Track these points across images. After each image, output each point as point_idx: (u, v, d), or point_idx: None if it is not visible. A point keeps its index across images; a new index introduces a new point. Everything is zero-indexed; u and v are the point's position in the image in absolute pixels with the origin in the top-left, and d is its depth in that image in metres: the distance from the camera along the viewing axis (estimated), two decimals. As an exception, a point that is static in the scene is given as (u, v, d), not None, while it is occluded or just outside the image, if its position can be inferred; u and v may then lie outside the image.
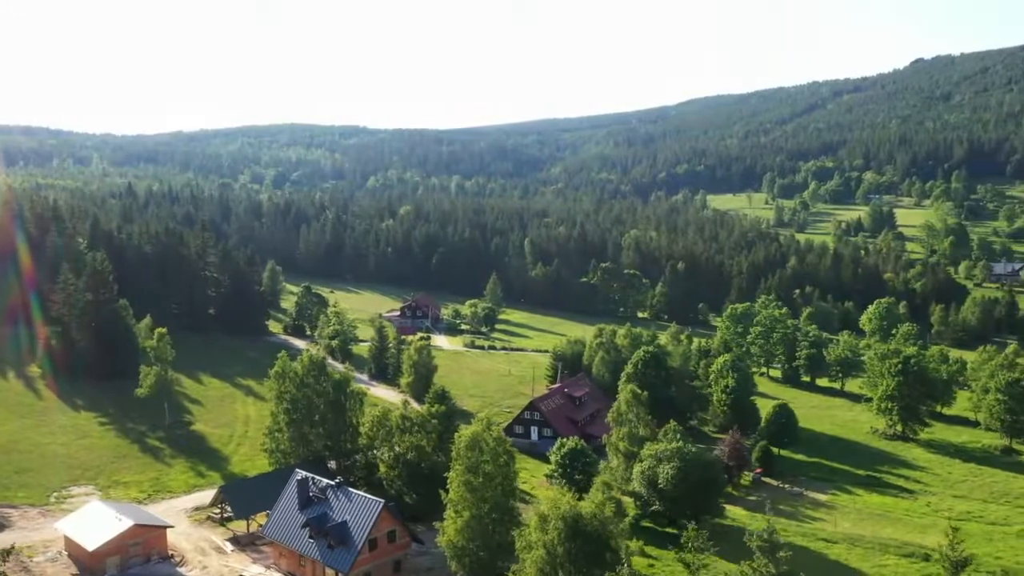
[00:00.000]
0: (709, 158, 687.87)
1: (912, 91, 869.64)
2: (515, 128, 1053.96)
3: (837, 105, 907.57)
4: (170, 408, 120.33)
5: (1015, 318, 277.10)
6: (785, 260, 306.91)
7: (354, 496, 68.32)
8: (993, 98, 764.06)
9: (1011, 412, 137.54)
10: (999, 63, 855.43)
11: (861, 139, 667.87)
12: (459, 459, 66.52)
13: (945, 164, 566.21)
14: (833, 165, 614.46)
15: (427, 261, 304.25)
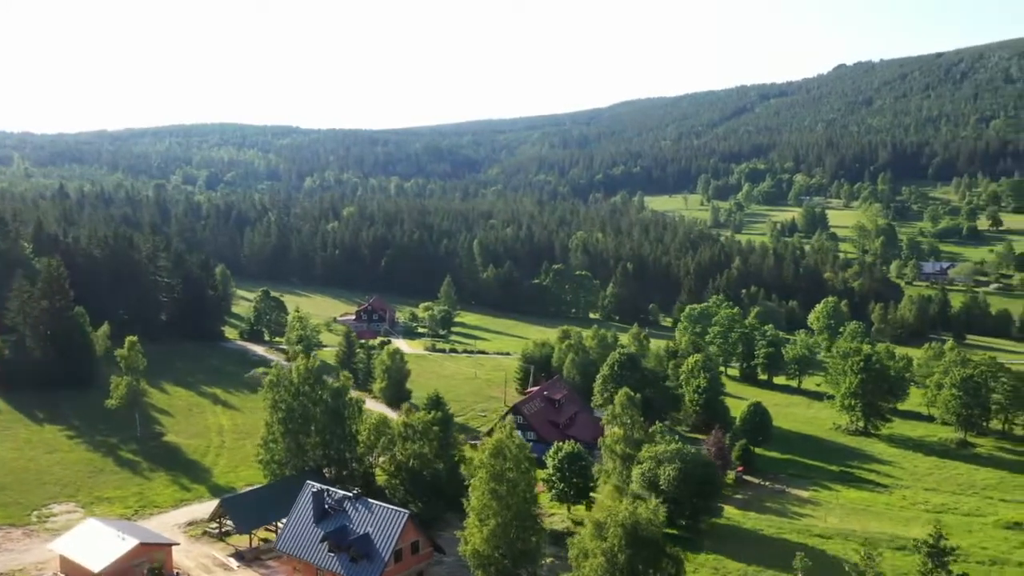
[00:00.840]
0: (645, 160, 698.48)
1: (836, 96, 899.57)
2: (450, 129, 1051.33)
3: (765, 108, 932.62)
4: (141, 419, 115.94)
5: (948, 315, 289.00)
6: (730, 261, 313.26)
7: (375, 507, 66.86)
8: (912, 103, 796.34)
9: (966, 407, 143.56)
10: (916, 70, 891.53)
11: (790, 142, 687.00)
12: (483, 467, 65.78)
13: (871, 167, 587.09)
14: (765, 167, 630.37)
15: (376, 263, 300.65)
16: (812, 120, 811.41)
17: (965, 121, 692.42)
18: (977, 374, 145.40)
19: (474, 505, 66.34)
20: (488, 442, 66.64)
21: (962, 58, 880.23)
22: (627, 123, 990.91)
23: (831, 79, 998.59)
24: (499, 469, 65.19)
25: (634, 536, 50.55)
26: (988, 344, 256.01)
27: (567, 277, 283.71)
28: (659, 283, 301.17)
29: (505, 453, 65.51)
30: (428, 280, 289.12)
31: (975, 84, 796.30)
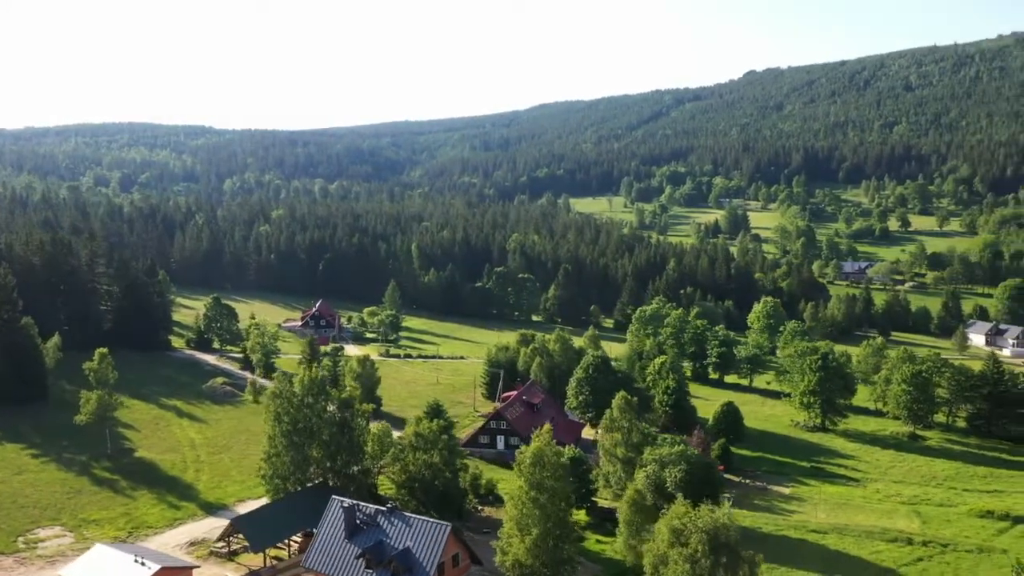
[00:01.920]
0: (568, 163, 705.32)
1: (748, 101, 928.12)
2: (369, 130, 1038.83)
3: (680, 113, 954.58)
4: (110, 435, 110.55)
5: (871, 313, 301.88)
6: (665, 262, 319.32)
7: (413, 520, 65.55)
8: (820, 109, 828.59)
9: (915, 401, 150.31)
10: (823, 77, 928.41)
11: (708, 146, 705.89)
12: (522, 476, 65.35)
13: (785, 170, 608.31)
14: (685, 170, 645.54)
15: (313, 268, 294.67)
16: (727, 124, 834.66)
17: (870, 126, 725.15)
18: (924, 370, 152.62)
19: (513, 515, 65.87)
20: (527, 451, 66.24)
21: (864, 66, 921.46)
22: (547, 126, 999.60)
23: (742, 84, 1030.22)
24: (539, 478, 64.94)
25: (715, 541, 51.14)
26: (910, 340, 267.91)
27: (509, 280, 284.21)
28: (597, 285, 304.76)
29: (544, 461, 65.29)
30: (368, 285, 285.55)
31: (878, 91, 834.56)
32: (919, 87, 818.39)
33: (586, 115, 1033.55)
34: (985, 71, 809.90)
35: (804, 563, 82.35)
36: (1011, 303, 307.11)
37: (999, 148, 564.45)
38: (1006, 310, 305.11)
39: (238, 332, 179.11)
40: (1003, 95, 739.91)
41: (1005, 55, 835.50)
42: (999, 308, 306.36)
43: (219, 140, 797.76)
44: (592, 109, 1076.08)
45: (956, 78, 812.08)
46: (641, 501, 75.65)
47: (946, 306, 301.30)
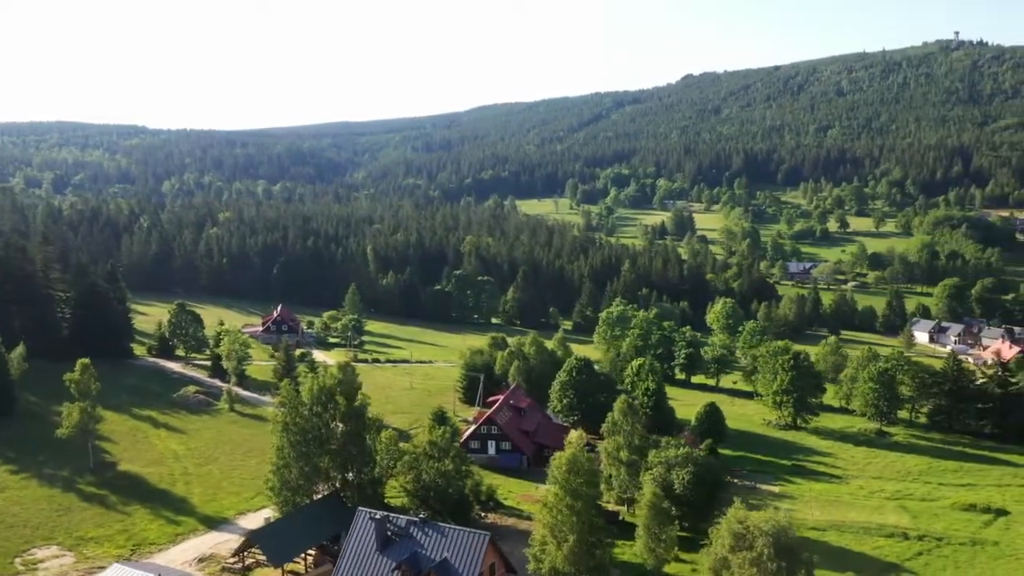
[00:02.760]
0: (512, 164, 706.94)
1: (686, 104, 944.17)
2: (309, 131, 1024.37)
3: (620, 115, 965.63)
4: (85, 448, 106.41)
5: (820, 312, 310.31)
6: (620, 264, 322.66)
7: (448, 531, 64.69)
8: (757, 112, 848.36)
9: (882, 399, 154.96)
10: (758, 81, 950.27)
11: (650, 148, 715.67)
12: (557, 483, 65.16)
13: (726, 172, 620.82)
14: (629, 172, 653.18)
15: (267, 272, 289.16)
16: (667, 127, 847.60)
17: (805, 130, 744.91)
18: (890, 368, 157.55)
19: (547, 521, 65.61)
20: (562, 458, 66.07)
21: (798, 71, 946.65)
22: (488, 127, 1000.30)
23: (680, 88, 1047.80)
24: (575, 484, 64.85)
25: (779, 544, 51.76)
26: (859, 339, 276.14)
27: (468, 283, 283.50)
28: (554, 287, 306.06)
29: (579, 468, 65.26)
30: (323, 289, 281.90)
31: (811, 96, 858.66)
32: (850, 92, 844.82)
33: (527, 117, 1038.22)
34: (912, 77, 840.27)
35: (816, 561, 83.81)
36: (950, 302, 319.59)
37: (928, 152, 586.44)
38: (946, 308, 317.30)
39: (204, 339, 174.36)
40: (929, 100, 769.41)
41: (930, 62, 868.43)
42: (940, 307, 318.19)
43: (154, 140, 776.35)
44: (532, 111, 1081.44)
45: (885, 84, 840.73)
46: (659, 504, 76.11)
47: (890, 305, 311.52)
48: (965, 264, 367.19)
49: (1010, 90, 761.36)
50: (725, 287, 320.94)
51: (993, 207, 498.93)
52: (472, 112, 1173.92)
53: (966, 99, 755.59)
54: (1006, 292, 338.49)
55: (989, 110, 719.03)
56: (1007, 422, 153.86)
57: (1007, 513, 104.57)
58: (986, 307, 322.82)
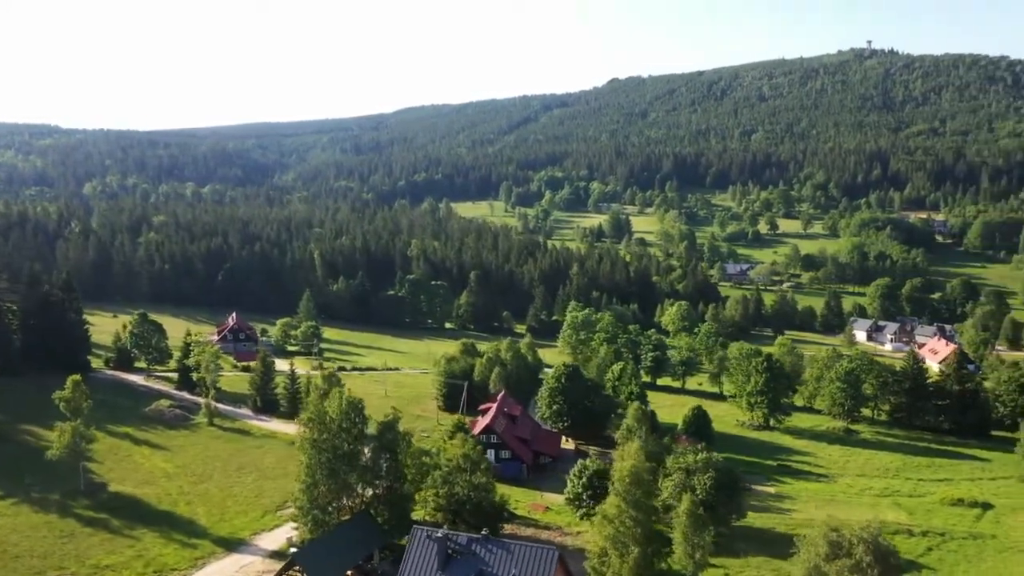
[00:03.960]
0: (445, 167, 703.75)
1: (613, 108, 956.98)
2: (233, 131, 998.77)
3: (549, 118, 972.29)
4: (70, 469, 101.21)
5: (762, 313, 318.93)
6: (568, 267, 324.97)
7: (514, 547, 63.77)
8: (683, 116, 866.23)
9: (849, 397, 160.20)
10: (683, 86, 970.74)
11: (581, 151, 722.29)
12: (619, 495, 65.09)
13: (657, 175, 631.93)
14: (562, 175, 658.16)
15: (211, 278, 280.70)
16: (596, 130, 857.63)
17: (730, 134, 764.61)
18: (855, 368, 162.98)
19: (608, 534, 65.46)
20: (623, 468, 66.02)
21: (721, 77, 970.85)
22: (417, 129, 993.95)
23: (607, 92, 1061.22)
24: (637, 496, 64.92)
25: (877, 551, 52.79)
26: (802, 338, 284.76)
27: (421, 287, 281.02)
28: (504, 291, 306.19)
29: (641, 480, 65.38)
30: (272, 295, 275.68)
31: (734, 101, 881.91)
32: (772, 97, 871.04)
33: (455, 119, 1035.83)
34: (829, 84, 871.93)
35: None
36: (883, 301, 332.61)
37: (849, 156, 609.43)
38: (879, 307, 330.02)
39: (167, 349, 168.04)
40: (846, 107, 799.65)
41: (846, 69, 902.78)
42: (874, 306, 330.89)
43: (69, 140, 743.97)
44: (461, 113, 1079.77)
45: (804, 90, 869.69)
46: (696, 511, 76.73)
47: (828, 305, 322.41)
48: (893, 265, 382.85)
49: (920, 97, 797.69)
50: (671, 289, 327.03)
51: (911, 209, 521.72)
52: (399, 114, 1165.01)
53: (880, 105, 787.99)
54: (932, 291, 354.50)
55: (902, 116, 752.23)
56: (965, 418, 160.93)
57: (992, 507, 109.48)
58: (915, 306, 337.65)
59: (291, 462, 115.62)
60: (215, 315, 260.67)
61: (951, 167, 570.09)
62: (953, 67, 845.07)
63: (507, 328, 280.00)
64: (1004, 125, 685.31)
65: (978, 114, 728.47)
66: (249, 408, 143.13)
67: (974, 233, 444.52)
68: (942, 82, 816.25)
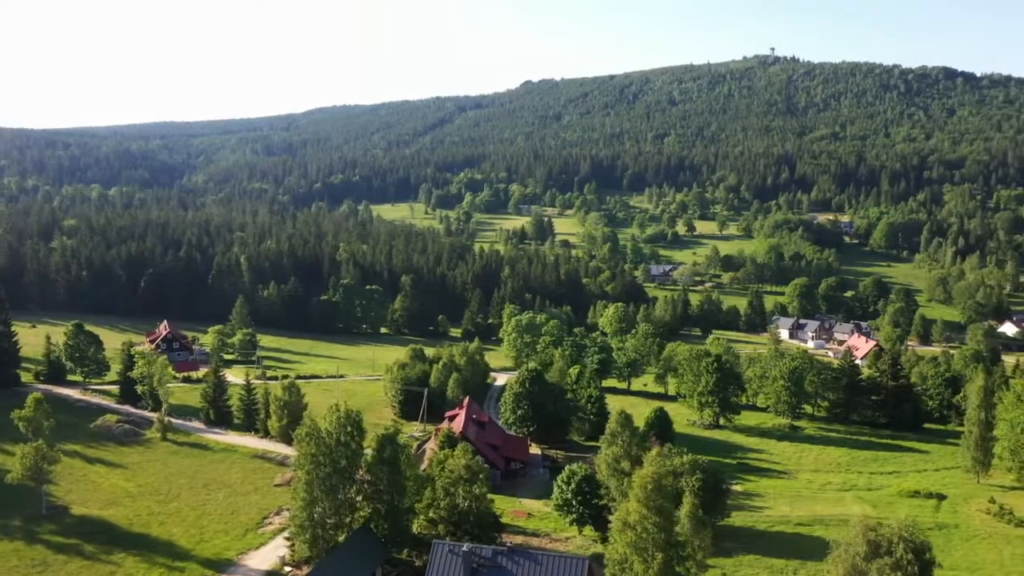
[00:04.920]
0: (362, 169, 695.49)
1: (528, 110, 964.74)
2: (135, 131, 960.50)
3: (464, 120, 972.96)
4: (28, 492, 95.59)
5: (689, 313, 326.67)
6: (500, 270, 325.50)
7: (542, 557, 63.42)
8: (596, 120, 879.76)
9: (794, 395, 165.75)
10: (595, 89, 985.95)
11: (500, 153, 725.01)
12: (640, 501, 65.51)
13: (576, 177, 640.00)
14: (482, 177, 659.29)
15: (133, 285, 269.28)
16: (512, 133, 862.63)
17: (644, 137, 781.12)
18: (798, 366, 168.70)
19: (630, 540, 65.79)
20: (645, 475, 66.44)
21: (632, 81, 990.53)
22: (330, 130, 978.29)
23: (521, 94, 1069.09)
24: (659, 503, 65.52)
25: (915, 548, 54.59)
26: (727, 336, 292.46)
27: (356, 292, 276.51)
28: (436, 295, 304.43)
29: (662, 485, 66.04)
30: (200, 301, 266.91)
31: (646, 104, 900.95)
32: (682, 102, 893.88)
33: (370, 120, 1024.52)
34: (736, 89, 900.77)
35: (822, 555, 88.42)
36: (801, 300, 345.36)
37: (759, 159, 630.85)
38: (799, 306, 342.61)
39: (104, 362, 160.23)
40: (753, 111, 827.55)
41: (751, 75, 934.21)
42: (794, 305, 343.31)
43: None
44: (374, 114, 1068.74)
45: (712, 95, 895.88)
46: (697, 513, 78.05)
47: (751, 305, 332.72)
48: (808, 265, 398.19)
49: (821, 103, 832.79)
50: (600, 291, 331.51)
51: (819, 211, 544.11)
52: (310, 114, 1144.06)
53: (785, 111, 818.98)
54: (846, 290, 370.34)
55: (805, 121, 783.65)
56: (898, 412, 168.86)
57: (945, 497, 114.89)
58: (831, 304, 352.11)
59: (259, 476, 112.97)
60: (139, 324, 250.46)
61: (853, 171, 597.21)
62: (851, 74, 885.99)
63: (443, 332, 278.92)
64: (899, 130, 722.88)
65: (875, 120, 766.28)
66: (201, 421, 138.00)
67: (879, 234, 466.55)
68: (841, 88, 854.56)
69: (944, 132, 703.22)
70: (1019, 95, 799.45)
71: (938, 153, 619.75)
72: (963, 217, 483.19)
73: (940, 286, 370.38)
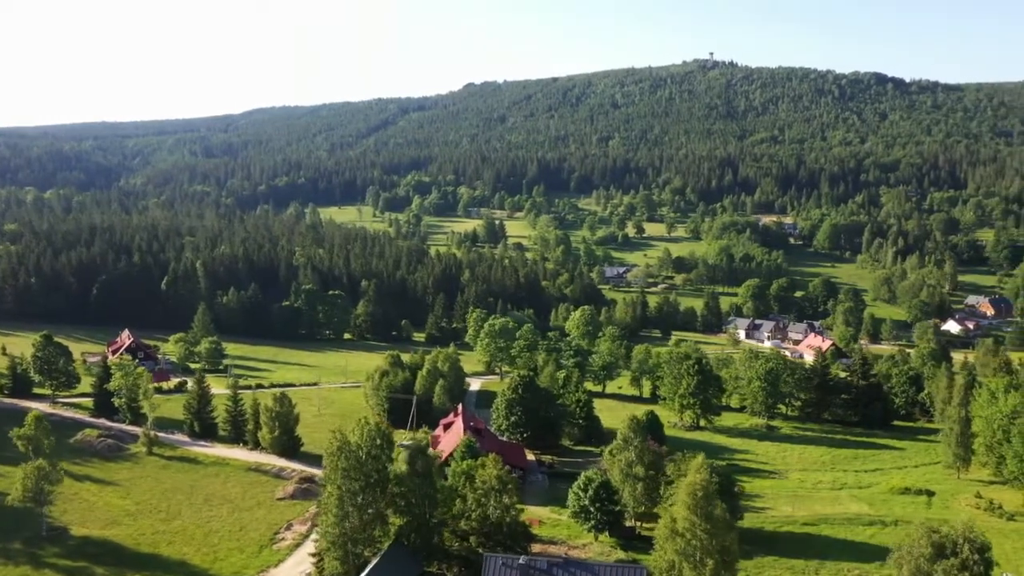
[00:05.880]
0: (307, 171, 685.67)
1: (472, 112, 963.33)
2: (66, 131, 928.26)
3: (408, 122, 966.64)
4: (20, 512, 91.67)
5: (647, 314, 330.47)
6: (460, 273, 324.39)
7: (599, 568, 63.35)
8: (540, 122, 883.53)
9: (770, 396, 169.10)
10: (539, 92, 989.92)
11: (447, 156, 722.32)
12: (690, 509, 66.05)
13: (524, 180, 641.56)
14: (429, 180, 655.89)
15: (85, 292, 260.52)
16: (457, 135, 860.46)
17: (589, 140, 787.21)
18: (774, 367, 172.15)
19: (680, 548, 66.27)
20: (695, 482, 66.95)
21: (575, 84, 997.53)
22: (270, 131, 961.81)
23: (464, 96, 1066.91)
24: (708, 509, 66.15)
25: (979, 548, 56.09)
26: (686, 337, 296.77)
27: (318, 298, 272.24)
28: (397, 299, 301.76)
29: (711, 494, 66.73)
30: (155, 309, 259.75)
31: (590, 107, 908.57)
32: (624, 105, 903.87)
33: (311, 121, 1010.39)
34: (677, 93, 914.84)
35: (837, 555, 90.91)
36: (755, 301, 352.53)
37: (703, 162, 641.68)
38: (752, 307, 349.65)
39: (74, 374, 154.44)
40: (694, 115, 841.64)
41: (691, 80, 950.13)
42: (748, 306, 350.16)
43: None
44: (315, 115, 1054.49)
45: (654, 98, 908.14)
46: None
47: (707, 306, 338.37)
48: (759, 266, 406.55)
49: (760, 107, 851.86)
50: (559, 293, 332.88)
51: (763, 213, 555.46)
52: (249, 114, 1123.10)
53: (725, 114, 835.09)
54: (795, 290, 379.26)
55: (745, 124, 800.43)
56: (869, 410, 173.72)
57: (934, 493, 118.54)
58: (782, 304, 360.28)
59: (258, 490, 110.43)
60: (94, 333, 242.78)
61: (794, 173, 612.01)
62: (787, 79, 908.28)
63: (406, 337, 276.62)
64: (835, 134, 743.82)
65: (812, 123, 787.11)
66: (185, 434, 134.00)
67: (822, 235, 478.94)
68: (778, 93, 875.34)
69: (878, 136, 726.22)
70: (946, 100, 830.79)
71: (873, 156, 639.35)
72: (900, 218, 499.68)
73: (885, 286, 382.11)
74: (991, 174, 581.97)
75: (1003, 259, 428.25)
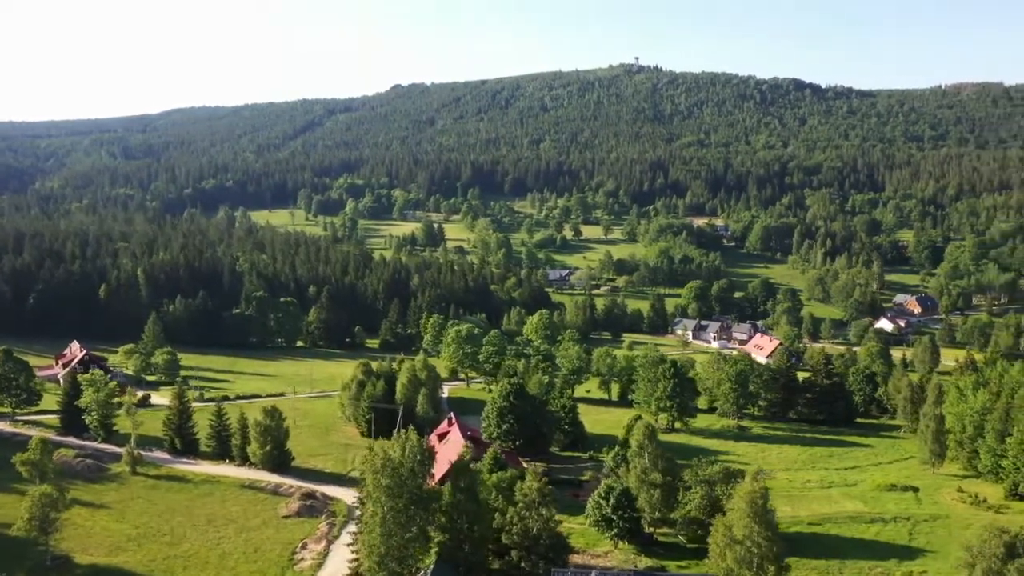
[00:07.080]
0: (234, 173, 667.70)
1: (400, 114, 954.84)
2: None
3: (335, 123, 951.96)
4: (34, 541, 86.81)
5: (596, 317, 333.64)
6: (409, 278, 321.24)
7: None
8: (471, 125, 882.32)
9: (741, 397, 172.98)
10: (467, 94, 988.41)
11: (378, 158, 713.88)
12: (750, 517, 66.92)
13: (458, 183, 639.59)
14: (362, 182, 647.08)
15: (20, 302, 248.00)
16: (386, 137, 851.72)
17: (520, 143, 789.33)
18: (743, 368, 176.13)
19: (739, 555, 67.09)
20: (753, 491, 67.85)
21: (504, 86, 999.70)
22: (192, 132, 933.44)
23: (391, 98, 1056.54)
24: (768, 517, 67.21)
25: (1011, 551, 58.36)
26: (634, 339, 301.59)
27: (270, 305, 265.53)
28: (347, 305, 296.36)
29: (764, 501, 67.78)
30: (95, 318, 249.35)
31: (519, 110, 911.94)
32: (553, 108, 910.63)
33: (234, 122, 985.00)
34: (605, 96, 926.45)
35: (855, 554, 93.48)
36: (698, 302, 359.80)
37: (634, 165, 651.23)
38: (696, 308, 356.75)
39: (35, 390, 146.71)
40: (623, 118, 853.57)
41: (618, 83, 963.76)
42: (692, 307, 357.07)
43: None
44: (238, 116, 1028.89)
45: (583, 101, 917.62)
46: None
47: (654, 307, 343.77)
48: (698, 267, 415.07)
49: (686, 111, 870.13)
50: (508, 296, 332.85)
51: (694, 215, 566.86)
52: (168, 115, 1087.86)
53: (652, 118, 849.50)
54: (734, 291, 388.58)
55: (672, 128, 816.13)
56: (833, 409, 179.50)
57: (918, 489, 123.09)
58: (724, 305, 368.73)
59: (260, 508, 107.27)
60: (33, 344, 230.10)
61: (723, 176, 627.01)
62: (711, 84, 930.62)
63: (359, 343, 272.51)
64: (758, 138, 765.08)
65: (735, 128, 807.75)
66: (166, 451, 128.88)
67: (754, 237, 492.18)
68: (703, 97, 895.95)
69: (799, 140, 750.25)
70: (860, 106, 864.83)
71: (797, 160, 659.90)
72: (827, 220, 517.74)
73: (819, 285, 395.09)
74: (907, 177, 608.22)
75: (924, 259, 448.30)
